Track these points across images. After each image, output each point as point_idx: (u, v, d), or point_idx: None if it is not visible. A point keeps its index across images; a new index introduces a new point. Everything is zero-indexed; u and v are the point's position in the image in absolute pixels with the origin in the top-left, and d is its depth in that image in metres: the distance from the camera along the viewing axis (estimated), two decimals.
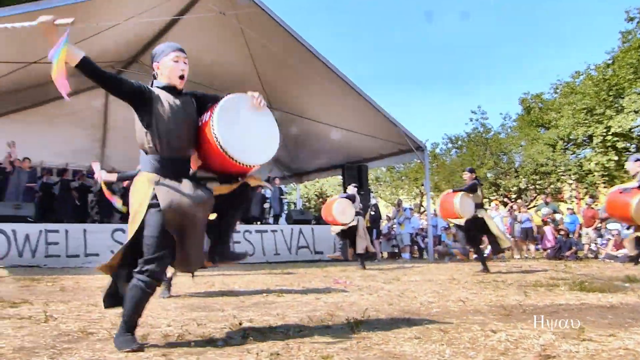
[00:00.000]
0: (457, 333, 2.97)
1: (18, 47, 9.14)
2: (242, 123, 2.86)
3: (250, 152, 2.85)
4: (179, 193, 2.65)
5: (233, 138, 2.75)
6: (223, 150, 2.72)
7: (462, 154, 26.37)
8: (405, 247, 13.67)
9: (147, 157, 2.75)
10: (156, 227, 2.60)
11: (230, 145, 2.74)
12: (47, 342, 2.77)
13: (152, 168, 2.71)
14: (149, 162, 2.73)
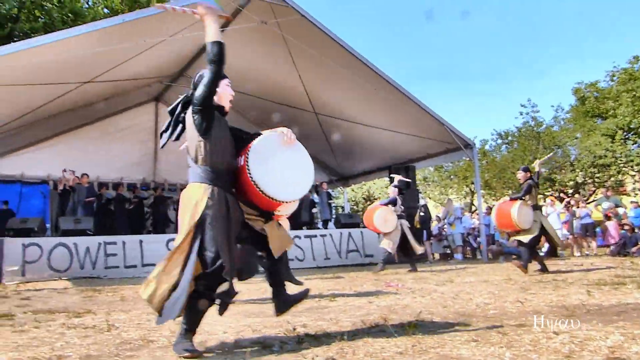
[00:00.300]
0: (516, 335, 2.87)
1: (73, 68, 9.60)
2: (276, 162, 2.99)
3: (287, 189, 2.98)
4: (231, 201, 2.80)
5: (269, 178, 2.90)
6: (261, 191, 2.87)
7: (512, 149, 25.55)
8: (457, 248, 13.39)
9: (199, 168, 2.83)
10: (213, 238, 2.68)
11: (267, 185, 2.89)
12: (111, 350, 2.88)
13: (204, 178, 2.80)
14: (201, 173, 2.82)
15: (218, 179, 2.81)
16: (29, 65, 8.18)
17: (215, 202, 2.74)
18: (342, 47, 10.25)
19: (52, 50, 8.10)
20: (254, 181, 2.85)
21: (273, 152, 3.01)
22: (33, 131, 12.66)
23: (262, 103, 13.33)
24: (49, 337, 3.34)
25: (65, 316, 4.37)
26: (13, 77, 8.67)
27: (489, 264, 10.36)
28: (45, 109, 11.26)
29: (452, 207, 14.13)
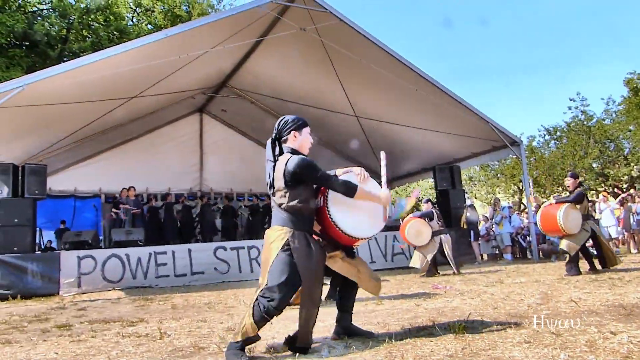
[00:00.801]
0: (571, 336, 2.77)
1: (120, 84, 9.97)
2: (353, 201, 3.15)
3: (363, 226, 3.20)
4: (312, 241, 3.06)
5: (347, 218, 3.13)
6: (340, 230, 3.09)
7: (562, 145, 24.71)
8: (506, 248, 13.01)
9: (283, 212, 3.06)
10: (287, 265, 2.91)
11: (346, 224, 3.11)
12: (164, 357, 2.96)
13: (287, 222, 3.04)
14: (285, 217, 3.06)
15: (300, 222, 3.04)
16: (79, 83, 8.55)
17: (295, 242, 2.95)
18: (382, 49, 10.20)
19: (100, 67, 8.44)
20: (333, 221, 3.08)
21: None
22: (84, 147, 13.21)
23: (304, 109, 13.42)
24: (104, 346, 3.47)
25: (120, 325, 4.52)
26: (64, 95, 9.08)
27: (540, 264, 10.03)
28: (95, 125, 11.73)
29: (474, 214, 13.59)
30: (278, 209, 3.08)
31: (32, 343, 3.78)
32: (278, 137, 3.22)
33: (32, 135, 10.73)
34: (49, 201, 12.60)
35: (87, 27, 23.03)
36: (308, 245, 2.97)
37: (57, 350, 3.41)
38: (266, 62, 11.99)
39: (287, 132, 3.21)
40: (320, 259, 3.02)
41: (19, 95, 7.82)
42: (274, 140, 3.20)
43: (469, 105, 11.24)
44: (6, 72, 17.81)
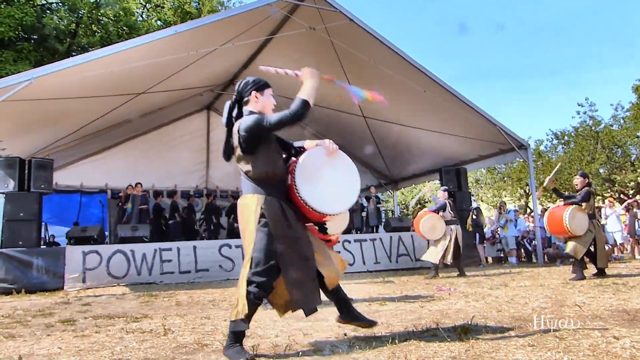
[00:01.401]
0: (574, 340, 2.75)
1: (128, 80, 10.00)
2: (322, 177, 3.05)
3: (334, 202, 3.04)
4: (286, 207, 2.93)
5: (316, 194, 2.98)
6: (310, 207, 2.94)
7: (569, 149, 24.61)
8: (511, 251, 12.96)
9: (251, 180, 2.96)
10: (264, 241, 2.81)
11: (316, 201, 2.96)
12: (167, 354, 2.96)
13: (257, 190, 2.92)
14: (253, 185, 2.95)
15: (271, 189, 2.91)
16: (87, 78, 8.57)
17: (269, 208, 2.84)
18: (391, 49, 10.18)
19: (109, 63, 8.47)
20: (302, 199, 2.92)
21: (318, 168, 3.06)
22: (91, 142, 13.26)
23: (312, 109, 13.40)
24: (108, 342, 3.48)
25: (124, 321, 4.53)
26: (72, 90, 9.11)
27: (545, 268, 9.98)
28: (102, 121, 11.77)
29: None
30: (246, 177, 2.98)
31: (36, 337, 3.80)
32: (238, 99, 3.07)
33: (39, 130, 10.78)
34: (55, 196, 12.68)
35: (97, 22, 23.13)
36: (282, 211, 2.86)
37: (60, 345, 3.42)
38: (275, 61, 11.99)
39: (247, 93, 3.05)
40: (297, 224, 2.92)
41: (27, 89, 7.85)
42: (234, 102, 3.07)
43: (476, 108, 11.21)
44: (14, 65, 17.90)
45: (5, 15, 17.98)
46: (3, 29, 17.79)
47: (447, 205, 9.05)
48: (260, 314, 4.52)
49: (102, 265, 9.43)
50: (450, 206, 9.11)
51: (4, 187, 9.62)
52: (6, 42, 18.77)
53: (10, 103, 8.02)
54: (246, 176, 2.96)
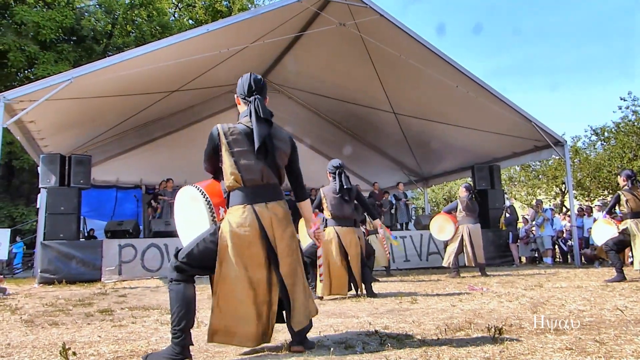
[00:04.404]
0: (616, 345, 2.67)
1: (161, 78, 10.19)
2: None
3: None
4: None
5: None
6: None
7: (609, 146, 23.81)
8: (546, 251, 12.66)
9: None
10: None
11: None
12: (201, 346, 3.02)
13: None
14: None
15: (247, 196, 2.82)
16: (123, 77, 8.79)
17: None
18: (422, 44, 10.06)
19: (143, 62, 8.66)
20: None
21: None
22: (127, 139, 13.58)
23: (341, 105, 13.41)
24: (144, 332, 3.57)
25: (159, 313, 4.64)
26: (109, 89, 9.35)
27: (582, 269, 9.73)
28: (137, 118, 12.05)
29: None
30: (277, 185, 2.89)
31: (77, 326, 3.93)
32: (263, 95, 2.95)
33: (78, 127, 11.10)
34: (92, 191, 13.03)
35: (131, 22, 23.65)
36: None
37: (100, 333, 3.53)
38: (305, 58, 12.03)
39: (266, 99, 2.95)
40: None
41: (67, 89, 8.10)
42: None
43: (511, 103, 10.97)
44: (55, 66, 18.47)
45: (47, 18, 18.59)
46: (45, 31, 18.41)
47: (459, 204, 8.75)
48: None
49: (137, 259, 9.67)
50: (464, 204, 8.76)
51: (47, 182, 9.97)
52: (48, 44, 19.38)
53: (52, 102, 8.30)
54: (276, 184, 2.86)
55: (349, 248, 5.53)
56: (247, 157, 2.75)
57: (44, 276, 9.04)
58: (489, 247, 11.76)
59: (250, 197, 2.73)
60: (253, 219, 2.69)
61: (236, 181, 2.75)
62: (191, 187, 2.99)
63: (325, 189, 5.74)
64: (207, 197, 2.88)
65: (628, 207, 6.92)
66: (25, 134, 10.09)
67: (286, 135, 2.93)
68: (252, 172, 2.74)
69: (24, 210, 20.02)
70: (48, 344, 3.20)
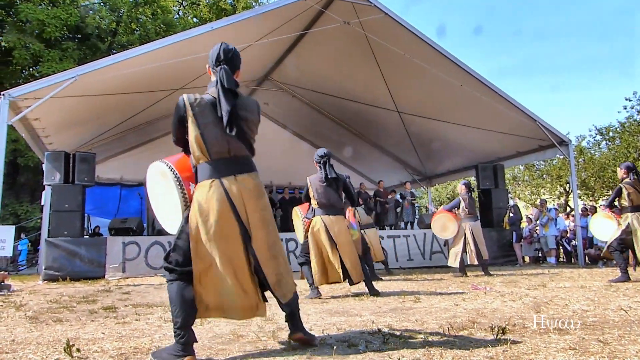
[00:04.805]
0: (620, 345, 2.67)
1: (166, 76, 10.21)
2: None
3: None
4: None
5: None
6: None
7: (614, 146, 23.73)
8: (550, 251, 12.64)
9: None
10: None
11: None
12: (204, 343, 3.02)
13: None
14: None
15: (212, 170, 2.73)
16: (127, 75, 8.81)
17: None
18: (427, 43, 10.05)
19: (147, 60, 8.67)
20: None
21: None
22: (131, 137, 13.61)
23: (345, 104, 13.40)
24: (148, 329, 3.58)
25: (162, 310, 4.65)
26: (113, 87, 9.38)
27: (586, 269, 9.70)
28: (141, 116, 12.07)
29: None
30: (246, 157, 2.78)
31: (81, 323, 3.95)
32: (233, 67, 2.88)
33: (83, 125, 11.14)
34: (96, 188, 13.07)
35: (136, 20, 23.69)
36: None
37: (104, 330, 3.55)
38: (309, 56, 12.02)
39: (239, 65, 2.92)
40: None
41: (71, 86, 8.13)
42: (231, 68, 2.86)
43: (515, 103, 10.95)
44: (60, 63, 18.53)
45: (52, 16, 18.63)
46: (50, 29, 18.45)
47: (462, 202, 8.72)
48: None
49: (141, 256, 9.70)
50: (466, 202, 8.72)
51: (51, 179, 10.00)
52: (52, 42, 19.44)
53: (56, 99, 8.33)
54: (246, 156, 2.76)
55: (337, 236, 5.44)
56: (214, 129, 2.64)
57: (48, 273, 9.08)
58: (492, 247, 11.74)
59: (217, 171, 2.62)
60: (221, 193, 2.58)
61: (203, 154, 2.65)
62: (160, 162, 2.84)
63: (312, 177, 5.69)
64: (175, 172, 2.74)
65: (629, 200, 6.85)
66: (30, 131, 10.14)
67: (254, 103, 2.84)
68: (219, 144, 2.64)
69: (28, 207, 20.10)
70: (52, 340, 3.21)
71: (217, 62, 2.81)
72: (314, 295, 5.50)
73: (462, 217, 8.70)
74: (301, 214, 6.18)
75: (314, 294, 5.51)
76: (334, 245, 5.44)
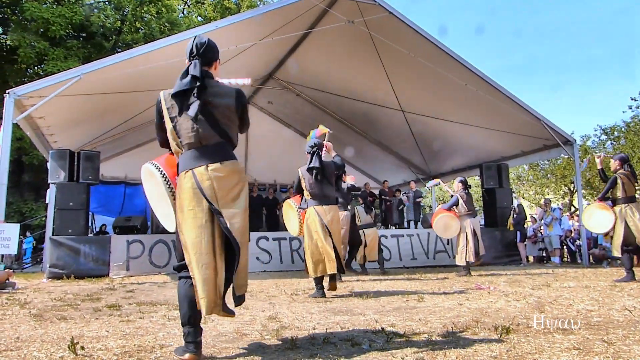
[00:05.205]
0: (624, 345, 2.66)
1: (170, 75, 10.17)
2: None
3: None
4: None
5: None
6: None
7: (619, 145, 23.63)
8: (554, 251, 12.59)
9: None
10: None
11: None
12: (208, 341, 3.03)
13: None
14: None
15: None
16: (132, 73, 8.82)
17: None
18: (431, 42, 10.02)
19: (152, 59, 8.68)
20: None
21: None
22: (135, 135, 13.62)
23: (349, 103, 13.38)
24: (152, 327, 3.59)
25: (166, 308, 4.66)
26: (118, 85, 9.39)
27: (590, 269, 9.66)
28: (145, 115, 12.06)
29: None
30: (229, 145, 2.80)
31: (85, 320, 3.96)
32: (206, 61, 2.87)
33: (87, 123, 11.16)
34: (101, 187, 13.10)
35: (140, 19, 23.73)
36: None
37: (108, 328, 3.56)
38: (313, 55, 12.01)
39: (216, 57, 2.90)
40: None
41: (76, 85, 8.15)
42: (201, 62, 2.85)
43: (520, 102, 10.91)
44: (64, 62, 18.59)
45: (57, 14, 18.69)
46: (55, 27, 18.51)
47: (459, 200, 8.71)
48: (297, 307, 4.57)
49: (145, 254, 9.73)
50: (464, 199, 8.72)
51: (56, 177, 10.03)
52: (57, 40, 19.50)
53: (61, 98, 8.35)
54: (226, 140, 2.76)
55: (330, 225, 5.47)
56: (184, 120, 2.68)
57: (52, 271, 9.12)
58: (496, 246, 11.73)
59: (190, 162, 2.66)
60: (193, 183, 2.61)
61: (178, 146, 2.72)
62: (148, 164, 2.99)
63: (303, 168, 5.72)
64: (161, 170, 2.86)
65: (623, 190, 6.88)
66: (34, 129, 10.17)
67: (231, 90, 2.82)
68: (189, 135, 2.67)
69: (33, 205, 20.19)
70: (57, 338, 3.23)
71: (190, 56, 2.84)
72: (318, 294, 5.50)
73: (462, 214, 8.70)
74: (295, 204, 6.16)
75: (318, 294, 5.50)
76: (327, 233, 5.44)
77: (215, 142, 2.69)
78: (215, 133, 2.69)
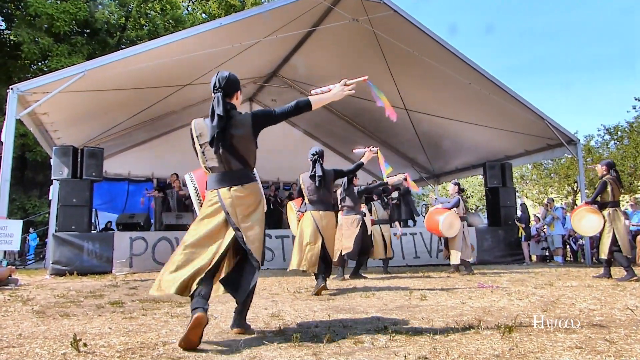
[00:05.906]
0: (626, 344, 2.65)
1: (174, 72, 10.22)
2: None
3: None
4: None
5: None
6: None
7: (622, 145, 23.53)
8: (557, 250, 12.56)
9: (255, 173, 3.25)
10: None
11: None
12: (211, 339, 3.04)
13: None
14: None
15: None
16: (136, 70, 8.83)
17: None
18: (435, 41, 9.99)
19: (156, 55, 8.69)
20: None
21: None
22: (139, 132, 13.65)
23: (353, 100, 13.35)
24: (155, 324, 3.59)
25: (169, 305, 4.67)
26: (122, 82, 9.40)
27: (592, 268, 9.64)
28: (149, 111, 12.10)
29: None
30: (245, 167, 3.17)
31: (88, 317, 3.97)
32: (228, 92, 3.24)
33: (91, 120, 11.18)
34: (104, 184, 13.12)
35: (145, 15, 23.74)
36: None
37: (110, 325, 3.57)
38: (317, 53, 11.99)
39: (236, 89, 3.27)
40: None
41: (80, 81, 8.16)
42: (224, 94, 3.22)
43: (524, 101, 10.88)
44: (68, 58, 18.62)
45: (61, 10, 18.72)
46: (59, 23, 18.54)
47: (461, 202, 8.91)
48: (299, 305, 4.58)
49: (148, 252, 9.74)
50: (462, 204, 9.01)
51: (59, 174, 10.05)
52: (62, 36, 19.53)
53: (65, 94, 8.36)
54: (245, 166, 3.13)
55: (324, 230, 5.68)
56: (209, 149, 3.10)
57: (55, 268, 9.14)
58: (499, 245, 11.72)
59: (216, 183, 3.10)
60: (217, 200, 3.06)
61: (206, 169, 3.18)
62: (187, 175, 3.77)
63: (304, 175, 5.94)
64: (194, 182, 3.64)
65: (612, 195, 7.06)
66: (38, 125, 10.19)
67: (245, 117, 3.15)
68: (214, 161, 3.10)
69: (36, 202, 20.25)
70: (59, 334, 3.24)
71: (214, 89, 3.19)
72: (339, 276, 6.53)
73: (462, 215, 8.85)
74: (295, 207, 6.74)
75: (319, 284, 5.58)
76: (320, 238, 5.64)
77: (237, 167, 3.11)
78: (236, 160, 3.10)
